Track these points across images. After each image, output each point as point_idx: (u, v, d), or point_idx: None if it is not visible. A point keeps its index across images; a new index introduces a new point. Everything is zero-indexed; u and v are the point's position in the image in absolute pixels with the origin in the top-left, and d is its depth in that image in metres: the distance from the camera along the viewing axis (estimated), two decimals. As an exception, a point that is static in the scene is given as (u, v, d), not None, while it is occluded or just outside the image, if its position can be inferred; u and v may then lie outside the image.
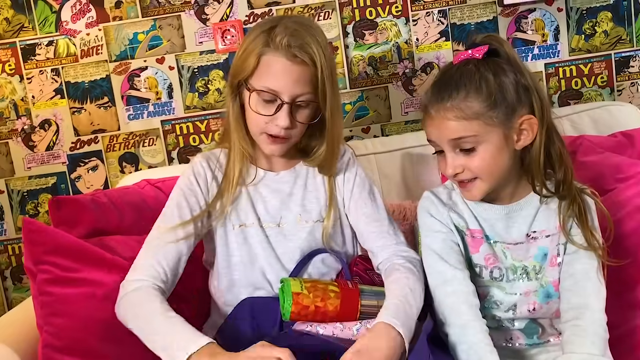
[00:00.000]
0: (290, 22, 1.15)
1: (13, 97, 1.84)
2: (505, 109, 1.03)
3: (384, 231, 1.21)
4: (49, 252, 1.14)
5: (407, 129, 1.89)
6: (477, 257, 1.12)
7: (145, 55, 1.84)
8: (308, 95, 1.15)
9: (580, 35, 1.85)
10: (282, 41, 1.11)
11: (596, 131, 1.65)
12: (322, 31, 1.20)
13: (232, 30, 1.83)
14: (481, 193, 1.09)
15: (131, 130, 1.87)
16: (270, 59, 1.13)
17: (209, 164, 1.25)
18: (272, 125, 1.15)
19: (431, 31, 1.85)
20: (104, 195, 1.38)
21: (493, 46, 1.07)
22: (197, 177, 1.23)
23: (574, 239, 1.09)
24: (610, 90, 1.88)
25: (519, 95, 1.04)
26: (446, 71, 1.09)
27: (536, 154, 1.06)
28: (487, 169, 1.06)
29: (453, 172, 1.07)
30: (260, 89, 1.14)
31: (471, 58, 1.06)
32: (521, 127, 1.05)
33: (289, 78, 1.12)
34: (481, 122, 1.03)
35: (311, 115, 1.19)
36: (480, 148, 1.05)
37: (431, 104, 1.06)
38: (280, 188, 1.25)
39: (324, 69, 1.12)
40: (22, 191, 1.88)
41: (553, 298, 1.11)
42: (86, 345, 1.10)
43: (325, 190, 1.26)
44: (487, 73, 1.04)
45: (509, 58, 1.06)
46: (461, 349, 1.03)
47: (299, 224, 1.23)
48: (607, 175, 1.38)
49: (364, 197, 1.25)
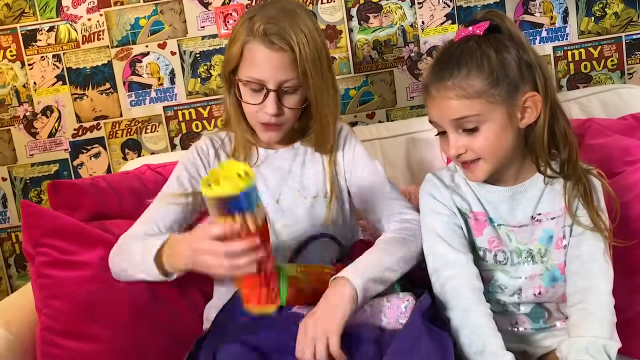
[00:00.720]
0: (271, 9, 1.16)
1: (14, 84, 1.83)
2: (508, 86, 1.00)
3: (387, 198, 1.22)
4: (47, 234, 1.13)
5: (412, 114, 1.87)
6: (480, 240, 1.10)
7: (147, 40, 1.82)
8: (294, 80, 1.16)
9: (589, 17, 1.81)
10: (259, 29, 1.12)
11: (606, 114, 1.62)
12: (308, 14, 1.20)
13: (235, 15, 1.80)
14: (485, 174, 1.06)
15: (133, 117, 1.85)
16: (252, 47, 1.14)
17: (213, 143, 1.29)
18: (262, 113, 1.17)
19: (437, 14, 1.81)
20: (103, 180, 1.37)
21: (494, 22, 1.04)
22: (200, 153, 1.27)
23: (580, 220, 1.06)
24: (620, 73, 1.84)
25: (521, 72, 1.01)
26: (447, 49, 1.06)
27: (540, 131, 1.03)
28: (491, 148, 1.03)
29: (456, 153, 1.04)
30: (246, 79, 1.16)
31: (472, 35, 1.03)
32: (525, 104, 1.02)
33: (270, 66, 1.14)
34: (483, 101, 1.00)
35: (300, 100, 1.20)
36: (483, 127, 1.02)
37: (432, 83, 1.04)
38: (280, 165, 1.27)
39: (305, 53, 1.13)
40: (24, 178, 1.87)
41: (559, 282, 1.09)
42: (85, 329, 1.09)
43: (324, 167, 1.27)
44: (489, 50, 1.01)
45: (511, 34, 1.03)
46: (464, 333, 1.01)
47: (298, 200, 1.24)
48: (616, 158, 1.35)
49: (364, 169, 1.27)
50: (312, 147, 1.28)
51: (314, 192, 1.25)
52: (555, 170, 1.06)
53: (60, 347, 1.08)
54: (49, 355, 1.07)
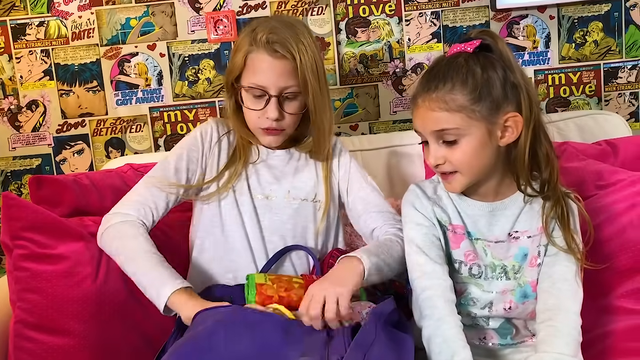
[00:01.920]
0: (272, 21, 1.25)
1: (1, 76, 1.83)
2: (489, 104, 1.03)
3: (383, 210, 1.29)
4: (27, 228, 1.13)
5: (395, 128, 1.90)
6: (457, 252, 1.12)
7: (137, 41, 1.83)
8: (294, 87, 1.22)
9: (570, 43, 1.87)
10: (262, 38, 1.20)
11: (581, 139, 1.66)
12: (307, 28, 1.27)
13: (225, 21, 1.82)
14: (461, 186, 1.09)
15: (119, 116, 1.86)
16: (255, 56, 1.21)
17: (219, 128, 1.33)
18: (263, 119, 1.24)
19: (423, 32, 1.85)
20: (86, 177, 1.38)
21: (486, 41, 1.07)
22: (203, 136, 1.31)
23: (555, 241, 1.09)
24: (597, 99, 1.90)
25: (505, 91, 1.04)
26: (437, 63, 1.09)
27: (521, 152, 1.05)
28: (468, 162, 1.06)
29: (434, 163, 1.08)
30: (249, 86, 1.22)
31: (462, 52, 1.06)
32: (506, 123, 1.05)
33: (273, 72, 1.20)
34: (464, 115, 1.03)
35: (300, 106, 1.26)
36: (462, 141, 1.05)
37: (419, 94, 1.07)
38: (275, 164, 1.32)
39: (305, 62, 1.19)
40: (5, 171, 1.86)
41: (530, 298, 1.11)
42: (58, 323, 1.10)
43: (317, 174, 1.32)
44: (476, 67, 1.04)
45: (502, 54, 1.06)
46: (435, 342, 1.03)
47: (287, 200, 1.29)
48: (588, 182, 1.39)
49: (360, 182, 1.34)
50: (306, 153, 1.33)
51: (304, 195, 1.30)
52: (536, 190, 1.09)
53: (33, 340, 1.08)
54: (22, 348, 1.07)
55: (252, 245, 1.25)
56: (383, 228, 1.26)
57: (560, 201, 1.09)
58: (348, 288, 1.03)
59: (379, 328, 0.99)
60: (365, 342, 0.95)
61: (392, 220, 1.27)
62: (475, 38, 1.07)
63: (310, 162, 1.34)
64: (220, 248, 1.25)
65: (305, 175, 1.32)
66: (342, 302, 1.01)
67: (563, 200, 1.10)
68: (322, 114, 1.26)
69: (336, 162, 1.35)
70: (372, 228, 1.28)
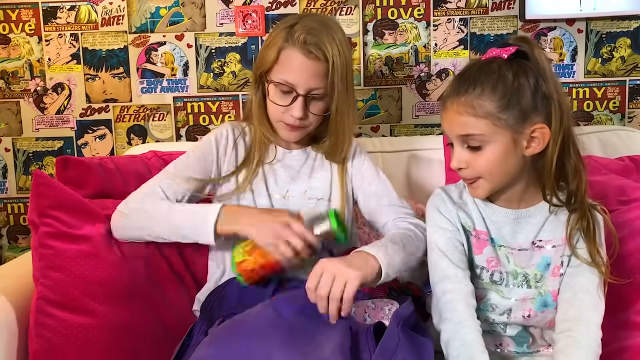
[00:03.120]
0: (310, 21, 1.23)
1: (29, 58, 1.84)
2: (517, 113, 1.02)
3: (394, 204, 1.29)
4: (55, 206, 1.14)
5: (416, 132, 1.90)
6: (479, 258, 1.12)
7: (165, 30, 1.84)
8: (322, 89, 1.23)
9: (597, 58, 1.87)
10: (299, 37, 1.20)
11: (604, 154, 1.66)
12: (342, 30, 1.27)
13: (254, 15, 1.83)
14: (485, 192, 1.09)
15: (143, 103, 1.87)
16: (289, 53, 1.21)
17: (234, 131, 1.33)
18: (287, 115, 1.24)
19: (450, 38, 1.86)
20: (111, 162, 1.39)
21: (523, 49, 1.05)
22: (218, 140, 1.30)
23: (579, 253, 1.08)
24: (621, 116, 1.89)
25: (535, 101, 1.03)
26: (470, 66, 1.09)
27: (548, 163, 1.05)
28: (490, 170, 1.06)
29: (457, 166, 1.08)
30: (278, 81, 1.23)
31: (497, 57, 1.06)
32: (532, 134, 1.04)
33: (304, 72, 1.21)
34: (489, 122, 1.03)
35: (325, 107, 1.27)
36: (486, 148, 1.04)
37: (449, 96, 1.07)
38: (292, 164, 1.32)
39: (336, 66, 1.20)
40: (27, 151, 1.88)
41: (549, 308, 1.11)
42: (79, 302, 1.11)
43: (332, 173, 1.33)
44: (508, 74, 1.03)
45: (537, 63, 1.05)
46: (454, 345, 1.03)
47: (303, 200, 1.29)
48: (611, 196, 1.39)
49: (372, 177, 1.33)
50: (322, 154, 1.33)
51: (320, 195, 1.30)
52: (562, 200, 1.08)
53: (54, 317, 1.09)
54: (42, 324, 1.08)
55: None
56: (394, 222, 1.26)
57: (587, 214, 1.08)
58: (359, 274, 1.02)
59: (400, 332, 1.00)
60: (389, 347, 0.95)
61: (403, 214, 1.27)
62: (512, 44, 1.06)
63: (325, 162, 1.34)
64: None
65: (321, 175, 1.33)
66: (349, 287, 1.00)
67: (589, 213, 1.09)
68: (344, 118, 1.27)
69: (350, 164, 1.35)
70: (384, 222, 1.28)
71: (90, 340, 1.10)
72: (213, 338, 0.95)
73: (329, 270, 1.02)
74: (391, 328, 1.01)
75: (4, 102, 1.86)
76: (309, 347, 0.92)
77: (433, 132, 1.89)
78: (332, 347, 0.91)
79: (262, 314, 0.99)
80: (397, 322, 1.03)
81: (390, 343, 0.97)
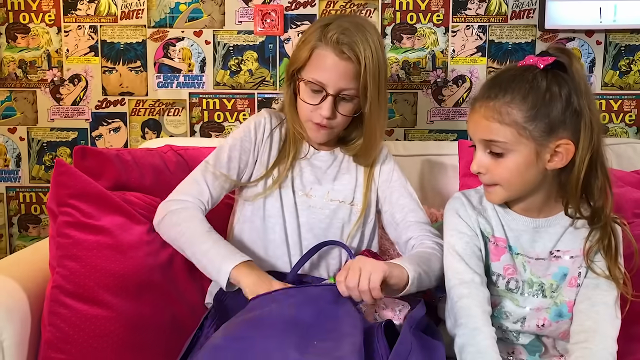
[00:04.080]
0: (344, 21, 1.23)
1: (48, 48, 1.85)
2: (544, 126, 1.01)
3: (421, 222, 1.29)
4: (74, 195, 1.14)
5: (430, 137, 1.90)
6: (496, 265, 1.12)
7: (184, 26, 1.85)
8: (352, 90, 1.23)
9: (615, 70, 1.86)
10: (332, 37, 1.20)
11: (619, 166, 1.65)
12: (377, 32, 1.27)
13: (273, 15, 1.84)
14: (500, 199, 1.09)
15: (158, 98, 1.88)
16: (321, 53, 1.21)
17: (272, 120, 1.33)
18: (316, 114, 1.24)
19: (468, 44, 1.86)
20: (128, 153, 1.39)
21: (562, 60, 1.03)
22: (257, 128, 1.31)
23: (596, 267, 1.07)
24: (637, 129, 1.89)
25: (565, 116, 1.01)
26: (505, 70, 1.08)
27: (574, 180, 1.03)
28: (508, 179, 1.05)
29: (476, 170, 1.07)
30: (309, 80, 1.23)
31: (533, 65, 1.04)
32: (556, 149, 1.03)
33: (335, 72, 1.21)
34: (514, 131, 1.02)
35: (353, 109, 1.27)
36: (508, 156, 1.04)
37: (478, 98, 1.06)
38: (318, 165, 1.32)
39: (369, 68, 1.20)
40: (42, 141, 1.88)
41: (564, 318, 1.10)
42: (94, 293, 1.11)
43: (357, 177, 1.33)
44: (541, 84, 1.01)
45: (574, 77, 1.02)
46: (468, 351, 1.02)
47: (325, 201, 1.29)
48: (626, 209, 1.38)
49: (400, 191, 1.33)
50: (350, 156, 1.33)
51: (342, 197, 1.30)
52: (584, 215, 1.07)
53: (69, 307, 1.09)
54: (56, 314, 1.08)
55: (288, 240, 1.26)
56: (419, 239, 1.26)
57: (608, 231, 1.07)
58: (384, 267, 1.04)
59: (413, 336, 1.00)
60: (403, 352, 0.95)
61: (429, 233, 1.27)
62: (552, 54, 1.04)
63: (352, 166, 1.34)
64: (258, 238, 1.26)
65: (346, 178, 1.32)
66: (374, 277, 1.02)
67: (611, 229, 1.07)
68: (376, 120, 1.26)
69: (378, 169, 1.34)
70: (408, 237, 1.28)
71: (103, 332, 1.10)
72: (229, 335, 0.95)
73: (355, 265, 1.04)
74: (404, 332, 1.01)
75: (20, 91, 1.86)
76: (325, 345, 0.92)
77: (447, 138, 1.89)
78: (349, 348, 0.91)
79: (279, 314, 0.99)
80: (410, 325, 1.03)
81: (403, 348, 0.97)
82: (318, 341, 0.93)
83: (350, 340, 0.93)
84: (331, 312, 1.01)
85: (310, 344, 0.92)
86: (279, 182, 1.26)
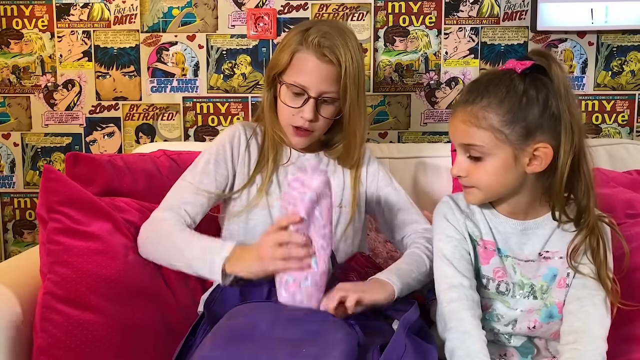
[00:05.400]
0: (324, 26, 1.25)
1: (41, 53, 1.85)
2: (520, 130, 1.01)
3: (412, 219, 1.31)
4: (64, 202, 1.14)
5: (423, 139, 1.90)
6: (486, 268, 1.12)
7: (177, 30, 1.85)
8: (333, 93, 1.24)
9: (607, 71, 1.87)
10: (314, 41, 1.21)
11: (611, 167, 1.66)
12: (355, 37, 1.28)
13: (266, 18, 1.84)
14: (478, 200, 1.10)
15: (152, 102, 1.88)
16: (302, 56, 1.23)
17: (246, 131, 1.32)
18: (297, 117, 1.25)
19: (461, 47, 1.86)
20: (120, 159, 1.39)
21: (541, 63, 1.03)
22: (232, 142, 1.30)
23: (582, 268, 1.08)
24: (629, 129, 1.89)
25: (542, 120, 1.01)
26: (485, 75, 1.08)
27: (557, 183, 1.03)
28: (487, 182, 1.06)
29: (456, 174, 1.08)
30: (290, 83, 1.24)
31: (512, 69, 1.04)
32: (535, 152, 1.03)
33: (317, 75, 1.22)
34: (491, 135, 1.02)
35: (334, 111, 1.28)
36: (487, 160, 1.04)
37: (458, 103, 1.07)
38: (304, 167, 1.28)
39: (349, 71, 1.21)
40: (36, 147, 1.89)
41: (555, 319, 1.11)
42: (85, 299, 1.10)
43: (344, 179, 1.33)
44: (518, 88, 1.01)
45: (554, 81, 1.02)
46: (458, 354, 1.03)
47: None
48: (618, 209, 1.39)
49: (388, 189, 1.35)
50: (334, 159, 1.34)
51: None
52: (570, 217, 1.07)
53: (60, 313, 1.09)
54: (48, 319, 1.08)
55: None
56: (412, 237, 1.28)
57: (595, 231, 1.07)
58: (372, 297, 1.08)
59: (407, 339, 1.00)
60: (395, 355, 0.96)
61: (421, 229, 1.29)
62: (532, 58, 1.04)
63: (338, 169, 1.35)
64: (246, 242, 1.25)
65: (334, 181, 1.31)
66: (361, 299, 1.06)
67: (598, 229, 1.08)
68: (356, 123, 1.27)
69: (364, 171, 1.35)
70: (401, 236, 1.30)
71: (95, 337, 1.10)
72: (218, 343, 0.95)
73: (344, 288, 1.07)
74: (398, 335, 1.01)
75: (14, 97, 1.87)
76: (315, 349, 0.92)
77: (441, 140, 1.89)
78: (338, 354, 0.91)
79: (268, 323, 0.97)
80: (404, 328, 1.03)
81: (396, 351, 0.97)
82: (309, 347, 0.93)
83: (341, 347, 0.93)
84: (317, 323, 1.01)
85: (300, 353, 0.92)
86: (264, 189, 1.26)
